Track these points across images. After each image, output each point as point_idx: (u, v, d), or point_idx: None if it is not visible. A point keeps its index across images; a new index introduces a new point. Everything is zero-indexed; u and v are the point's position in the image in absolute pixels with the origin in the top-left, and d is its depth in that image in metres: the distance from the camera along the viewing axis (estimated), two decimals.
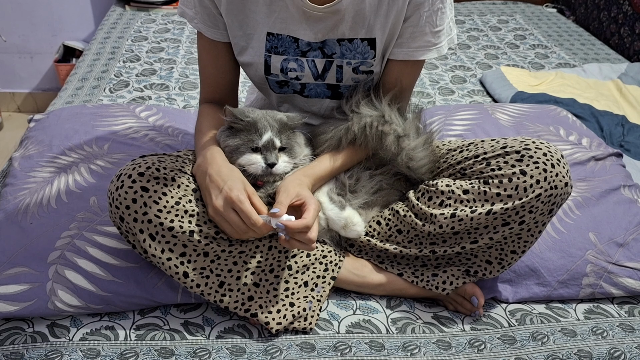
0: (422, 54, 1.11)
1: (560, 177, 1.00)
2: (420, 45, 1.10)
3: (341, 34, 1.08)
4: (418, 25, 1.07)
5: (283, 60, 1.11)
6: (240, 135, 1.07)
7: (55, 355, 0.98)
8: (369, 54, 1.10)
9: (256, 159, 1.05)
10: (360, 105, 1.11)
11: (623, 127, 1.83)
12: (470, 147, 1.11)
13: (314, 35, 1.08)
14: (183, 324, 1.07)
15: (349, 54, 1.10)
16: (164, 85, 1.96)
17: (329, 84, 1.15)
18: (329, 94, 1.17)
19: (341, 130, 1.11)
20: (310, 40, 1.09)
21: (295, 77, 1.13)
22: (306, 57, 1.11)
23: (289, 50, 1.10)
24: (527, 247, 1.09)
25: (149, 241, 0.98)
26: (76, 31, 2.89)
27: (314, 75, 1.13)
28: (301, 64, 1.12)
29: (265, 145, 1.05)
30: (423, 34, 1.08)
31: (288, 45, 1.10)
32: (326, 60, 1.11)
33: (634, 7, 2.55)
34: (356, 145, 1.12)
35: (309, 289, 1.09)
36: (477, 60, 2.36)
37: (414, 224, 1.09)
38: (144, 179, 0.97)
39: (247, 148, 1.06)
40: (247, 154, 1.06)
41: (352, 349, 1.04)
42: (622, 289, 1.21)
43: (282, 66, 1.12)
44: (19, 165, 1.33)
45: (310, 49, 1.10)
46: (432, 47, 1.10)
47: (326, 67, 1.12)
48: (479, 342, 1.08)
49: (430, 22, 1.07)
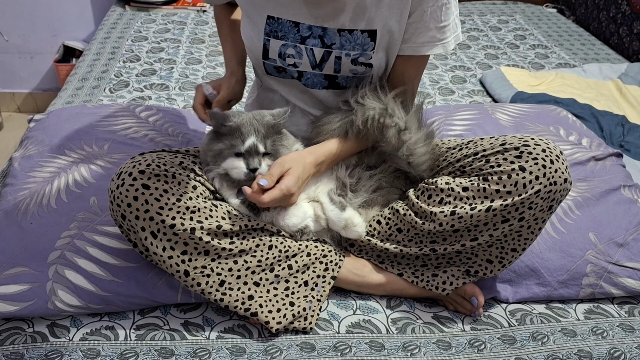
0: (427, 49, 1.11)
1: (559, 173, 1.00)
2: (425, 40, 1.10)
3: (341, 24, 1.09)
4: (422, 20, 1.08)
5: (282, 45, 1.12)
6: (224, 139, 1.07)
7: (56, 355, 0.98)
8: (368, 45, 1.11)
9: (239, 164, 1.05)
10: (364, 97, 1.11)
11: (623, 127, 1.83)
12: (470, 144, 1.11)
13: (314, 19, 1.09)
14: (183, 324, 1.07)
15: (349, 45, 1.11)
16: (164, 85, 1.96)
17: (326, 74, 1.15)
18: (326, 84, 1.17)
19: (347, 123, 1.11)
20: (311, 23, 1.09)
21: (292, 63, 1.14)
22: (305, 45, 1.11)
23: (289, 36, 1.11)
24: (527, 245, 1.09)
25: (151, 239, 0.98)
26: (76, 31, 2.89)
27: (311, 64, 1.14)
28: (299, 51, 1.12)
29: (248, 150, 1.05)
30: (427, 30, 1.09)
31: (288, 30, 1.11)
32: (325, 50, 1.12)
33: (632, 7, 2.55)
34: (359, 137, 1.12)
35: (309, 288, 1.09)
36: (477, 60, 2.36)
37: (414, 222, 1.09)
38: (144, 176, 0.97)
39: (231, 153, 1.06)
40: (230, 158, 1.06)
41: (352, 349, 1.04)
42: (622, 289, 1.21)
43: (281, 51, 1.13)
44: (19, 165, 1.33)
45: (310, 34, 1.10)
46: (437, 43, 1.10)
47: (324, 57, 1.13)
48: (479, 342, 1.08)
49: (434, 18, 1.07)
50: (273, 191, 1.01)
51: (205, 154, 1.09)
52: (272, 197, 1.01)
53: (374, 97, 1.11)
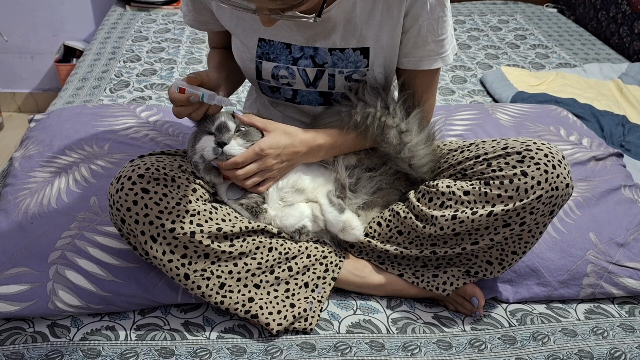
0: (427, 64, 1.11)
1: (561, 178, 1.00)
2: (424, 54, 1.10)
3: (332, 43, 1.09)
4: (420, 35, 1.07)
5: (274, 67, 1.12)
6: (200, 125, 1.08)
7: (56, 355, 0.98)
8: (361, 62, 1.10)
9: (209, 142, 1.04)
10: (365, 94, 1.10)
11: (623, 127, 1.83)
12: (471, 147, 1.11)
13: (305, 40, 1.09)
14: (183, 324, 1.07)
15: (341, 63, 1.10)
16: (165, 85, 1.95)
17: (321, 91, 1.15)
18: (321, 101, 1.17)
19: (345, 117, 1.11)
20: (302, 44, 1.09)
21: (286, 82, 1.14)
22: (297, 66, 1.11)
23: (281, 57, 1.11)
24: (527, 248, 1.08)
25: (150, 243, 0.98)
26: (77, 31, 2.89)
27: (305, 83, 1.14)
28: (292, 72, 1.12)
29: (218, 127, 1.04)
30: (426, 43, 1.08)
31: (280, 52, 1.10)
32: (317, 69, 1.11)
33: (632, 6, 2.54)
34: (357, 132, 1.11)
35: (309, 289, 1.09)
36: (478, 60, 2.36)
37: (415, 225, 1.09)
38: (144, 180, 0.97)
39: (203, 133, 1.06)
40: (203, 138, 1.05)
41: (352, 349, 1.04)
42: (622, 289, 1.21)
43: (273, 73, 1.13)
44: (19, 165, 1.33)
45: (302, 55, 1.10)
46: (436, 57, 1.10)
47: (318, 76, 1.12)
48: (480, 342, 1.08)
49: (431, 31, 1.07)
50: (246, 152, 1.02)
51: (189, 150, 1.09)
52: (245, 157, 1.01)
53: (375, 94, 1.11)
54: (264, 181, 1.07)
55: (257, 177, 1.05)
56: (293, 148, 1.07)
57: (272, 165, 1.05)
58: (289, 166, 1.09)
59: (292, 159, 1.08)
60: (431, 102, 1.19)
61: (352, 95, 1.12)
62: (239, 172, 1.03)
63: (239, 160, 1.02)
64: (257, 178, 1.05)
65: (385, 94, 1.11)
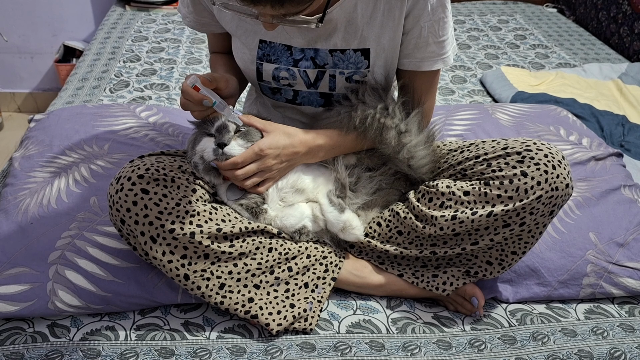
0: (428, 65, 1.11)
1: (561, 178, 1.00)
2: (425, 56, 1.10)
3: (333, 44, 1.09)
4: (421, 36, 1.07)
5: (275, 68, 1.12)
6: (200, 127, 1.08)
7: (56, 355, 0.98)
8: (362, 64, 1.10)
9: (209, 143, 1.04)
10: (365, 95, 1.10)
11: (623, 127, 1.83)
12: (471, 147, 1.11)
13: (306, 42, 1.08)
14: (183, 324, 1.07)
15: (342, 64, 1.10)
16: (164, 85, 1.96)
17: (322, 92, 1.15)
18: (322, 102, 1.17)
19: (345, 118, 1.11)
20: (303, 46, 1.09)
21: (287, 84, 1.14)
22: (298, 67, 1.11)
23: (282, 59, 1.11)
24: (527, 248, 1.08)
25: (150, 243, 0.98)
26: (76, 31, 2.89)
27: (306, 83, 1.14)
28: (293, 74, 1.12)
29: (218, 129, 1.04)
30: (427, 45, 1.08)
31: (281, 54, 1.10)
32: (318, 70, 1.11)
33: (633, 6, 2.54)
34: (356, 133, 1.11)
35: (309, 290, 1.09)
36: (478, 60, 2.36)
37: (415, 225, 1.09)
38: (143, 181, 0.97)
39: (203, 135, 1.06)
40: (203, 140, 1.05)
41: (352, 349, 1.04)
42: (622, 289, 1.21)
43: (274, 74, 1.13)
44: (19, 165, 1.33)
45: (303, 57, 1.10)
46: (437, 58, 1.10)
47: (318, 77, 1.12)
48: (480, 342, 1.08)
49: (432, 33, 1.07)
50: (246, 152, 1.02)
51: (189, 152, 1.09)
52: (245, 157, 1.01)
53: (375, 95, 1.11)
54: (264, 181, 1.07)
55: (256, 178, 1.05)
56: (292, 148, 1.07)
57: (272, 165, 1.05)
58: (288, 166, 1.09)
59: (292, 160, 1.08)
60: (431, 103, 1.19)
61: (353, 96, 1.12)
62: (238, 172, 1.03)
63: (238, 161, 1.02)
64: (256, 178, 1.05)
65: (385, 95, 1.11)
